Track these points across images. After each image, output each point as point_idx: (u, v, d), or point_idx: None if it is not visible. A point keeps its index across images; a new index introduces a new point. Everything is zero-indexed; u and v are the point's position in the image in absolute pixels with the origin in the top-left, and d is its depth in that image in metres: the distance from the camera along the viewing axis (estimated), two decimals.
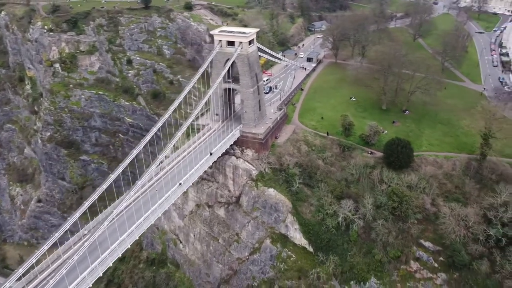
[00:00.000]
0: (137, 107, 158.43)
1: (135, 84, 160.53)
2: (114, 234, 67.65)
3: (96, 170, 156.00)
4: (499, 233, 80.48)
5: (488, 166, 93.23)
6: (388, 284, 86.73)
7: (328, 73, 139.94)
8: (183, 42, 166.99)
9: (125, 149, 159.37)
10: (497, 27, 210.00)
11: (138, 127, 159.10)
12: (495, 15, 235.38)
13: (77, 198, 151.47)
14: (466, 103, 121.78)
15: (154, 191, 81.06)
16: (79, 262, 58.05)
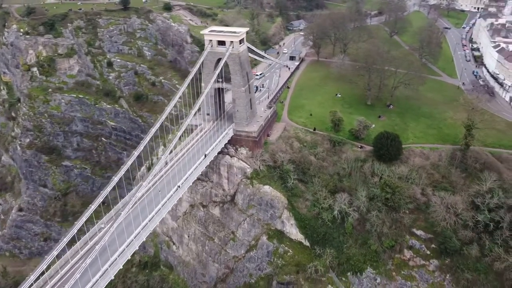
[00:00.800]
0: (119, 110, 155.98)
1: (116, 87, 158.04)
2: (121, 236, 66.36)
3: (79, 175, 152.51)
4: (487, 218, 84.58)
5: (471, 156, 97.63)
6: (384, 273, 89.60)
7: (312, 71, 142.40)
8: (164, 43, 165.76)
9: (108, 153, 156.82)
10: (465, 24, 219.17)
11: (121, 130, 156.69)
12: (462, 12, 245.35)
13: (61, 205, 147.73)
14: (445, 96, 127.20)
15: (153, 195, 79.42)
16: (90, 265, 57.28)
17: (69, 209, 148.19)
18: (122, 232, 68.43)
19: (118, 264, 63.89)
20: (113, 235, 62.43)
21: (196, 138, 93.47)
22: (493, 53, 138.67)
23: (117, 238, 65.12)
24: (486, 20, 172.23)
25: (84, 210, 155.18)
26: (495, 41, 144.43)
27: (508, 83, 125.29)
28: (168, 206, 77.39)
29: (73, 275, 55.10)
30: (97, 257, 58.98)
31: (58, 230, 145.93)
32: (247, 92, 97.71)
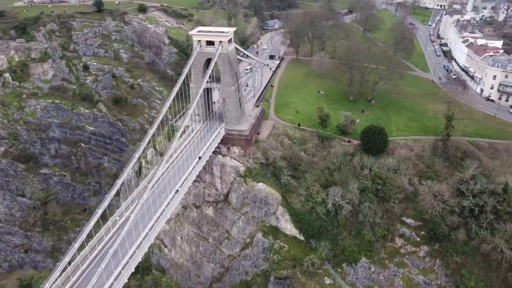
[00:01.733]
0: (98, 114, 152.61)
1: (94, 91, 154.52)
2: (122, 248, 64.12)
3: (58, 183, 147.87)
4: (472, 203, 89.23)
5: (452, 145, 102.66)
6: (378, 262, 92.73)
7: (293, 69, 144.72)
8: (141, 45, 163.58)
9: (88, 158, 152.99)
10: (431, 21, 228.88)
11: (100, 135, 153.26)
12: (427, 9, 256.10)
13: (41, 214, 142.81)
14: (422, 90, 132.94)
15: (151, 200, 76.67)
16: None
17: (50, 218, 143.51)
18: (123, 243, 64.94)
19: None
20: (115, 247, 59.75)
21: (188, 140, 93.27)
22: (463, 48, 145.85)
23: (119, 249, 62.35)
24: (453, 17, 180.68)
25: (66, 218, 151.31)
26: (464, 36, 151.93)
27: (479, 76, 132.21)
28: (167, 213, 74.75)
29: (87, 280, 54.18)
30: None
31: (39, 240, 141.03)
32: (237, 91, 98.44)
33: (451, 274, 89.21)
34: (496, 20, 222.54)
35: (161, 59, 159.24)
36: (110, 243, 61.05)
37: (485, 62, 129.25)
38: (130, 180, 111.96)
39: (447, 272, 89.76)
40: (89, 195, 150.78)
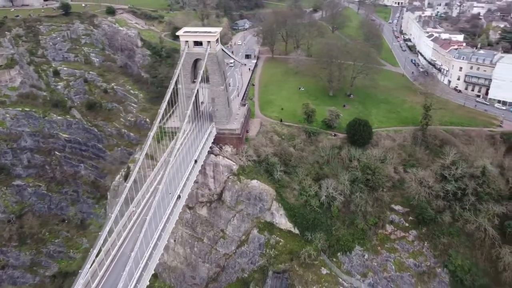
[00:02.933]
0: (72, 120, 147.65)
1: (66, 97, 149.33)
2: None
3: (33, 194, 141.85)
4: (454, 187, 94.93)
5: (430, 134, 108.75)
6: (371, 249, 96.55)
7: (270, 68, 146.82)
8: (112, 48, 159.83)
9: (63, 167, 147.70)
10: (391, 18, 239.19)
11: (76, 141, 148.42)
12: (386, 7, 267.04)
13: (17, 228, 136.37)
14: (395, 83, 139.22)
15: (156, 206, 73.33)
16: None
17: (26, 231, 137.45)
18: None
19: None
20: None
21: (180, 141, 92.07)
22: (428, 42, 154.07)
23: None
24: (414, 13, 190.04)
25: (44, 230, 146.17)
26: (428, 31, 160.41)
27: (446, 68, 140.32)
28: (172, 221, 70.92)
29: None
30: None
31: (17, 255, 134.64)
32: (225, 91, 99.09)
33: (439, 255, 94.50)
34: (450, 16, 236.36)
35: (134, 62, 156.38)
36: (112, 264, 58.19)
37: (451, 55, 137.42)
38: (117, 186, 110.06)
39: (435, 253, 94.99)
40: (66, 204, 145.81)
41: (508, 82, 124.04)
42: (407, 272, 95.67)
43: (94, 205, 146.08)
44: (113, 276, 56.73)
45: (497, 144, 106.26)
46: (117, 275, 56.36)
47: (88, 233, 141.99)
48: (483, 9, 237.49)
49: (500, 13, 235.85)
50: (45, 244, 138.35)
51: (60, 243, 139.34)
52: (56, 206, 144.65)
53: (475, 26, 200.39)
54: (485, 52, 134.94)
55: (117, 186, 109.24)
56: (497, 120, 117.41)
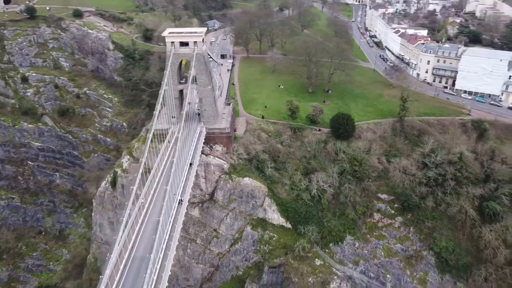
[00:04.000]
0: (44, 128, 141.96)
1: (36, 103, 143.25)
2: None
3: (6, 207, 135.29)
4: (435, 174, 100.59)
5: (408, 125, 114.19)
6: (361, 238, 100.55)
7: (247, 67, 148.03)
8: (82, 52, 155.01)
9: (37, 177, 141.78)
10: (354, 16, 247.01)
11: (49, 150, 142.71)
12: (347, 5, 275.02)
13: None
14: (368, 78, 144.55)
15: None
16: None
17: (2, 246, 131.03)
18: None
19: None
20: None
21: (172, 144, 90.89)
22: (395, 38, 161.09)
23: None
24: (378, 11, 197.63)
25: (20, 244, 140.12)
26: (394, 28, 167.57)
27: (414, 62, 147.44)
28: (178, 229, 68.85)
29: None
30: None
31: None
32: (212, 91, 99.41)
33: (424, 238, 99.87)
34: (409, 13, 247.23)
35: (107, 66, 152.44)
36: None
37: (418, 49, 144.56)
38: (103, 192, 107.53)
39: (420, 237, 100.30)
40: (42, 216, 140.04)
41: (473, 73, 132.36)
42: (395, 257, 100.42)
43: (72, 215, 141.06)
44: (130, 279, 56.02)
45: (469, 132, 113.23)
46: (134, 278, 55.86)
47: (67, 244, 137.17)
48: (438, 6, 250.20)
49: (454, 9, 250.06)
50: (23, 258, 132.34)
51: (39, 256, 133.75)
52: (32, 218, 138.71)
53: (433, 22, 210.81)
54: (450, 46, 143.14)
55: (103, 193, 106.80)
56: (465, 109, 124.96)
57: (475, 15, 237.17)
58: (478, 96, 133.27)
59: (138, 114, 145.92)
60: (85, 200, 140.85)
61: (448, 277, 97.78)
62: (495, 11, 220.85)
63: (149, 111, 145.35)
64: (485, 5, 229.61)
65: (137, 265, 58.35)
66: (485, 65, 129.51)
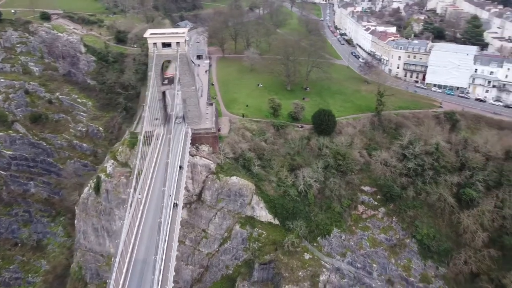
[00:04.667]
0: (15, 136, 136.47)
1: (7, 110, 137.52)
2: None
3: None
4: (414, 164, 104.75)
5: (385, 119, 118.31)
6: (347, 230, 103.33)
7: (224, 67, 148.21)
8: (52, 56, 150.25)
9: (10, 187, 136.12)
10: (323, 15, 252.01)
11: (22, 158, 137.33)
12: (315, 4, 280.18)
13: None
14: (343, 75, 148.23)
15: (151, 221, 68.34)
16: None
17: None
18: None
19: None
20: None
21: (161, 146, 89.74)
22: (366, 35, 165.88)
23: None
24: (347, 9, 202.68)
25: None
26: (364, 25, 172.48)
27: (385, 58, 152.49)
28: (176, 230, 67.00)
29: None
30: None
31: None
32: (196, 91, 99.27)
33: (406, 227, 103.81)
34: (374, 11, 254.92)
35: (79, 69, 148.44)
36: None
37: (389, 45, 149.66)
38: (87, 198, 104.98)
39: (403, 226, 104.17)
40: (18, 227, 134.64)
41: (442, 67, 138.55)
42: (380, 247, 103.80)
43: (50, 224, 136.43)
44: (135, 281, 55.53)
45: (442, 123, 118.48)
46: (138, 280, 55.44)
47: (46, 254, 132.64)
48: (401, 4, 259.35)
49: (416, 7, 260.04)
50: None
51: (16, 269, 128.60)
52: (7, 230, 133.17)
53: (399, 19, 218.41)
54: (419, 42, 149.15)
55: (87, 199, 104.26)
56: (437, 102, 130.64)
57: (436, 12, 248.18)
58: (447, 89, 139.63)
59: (115, 118, 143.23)
60: (63, 208, 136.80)
61: (430, 263, 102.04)
62: (455, 8, 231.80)
63: (126, 114, 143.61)
64: (446, 2, 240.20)
65: (140, 267, 57.87)
66: (453, 59, 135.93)
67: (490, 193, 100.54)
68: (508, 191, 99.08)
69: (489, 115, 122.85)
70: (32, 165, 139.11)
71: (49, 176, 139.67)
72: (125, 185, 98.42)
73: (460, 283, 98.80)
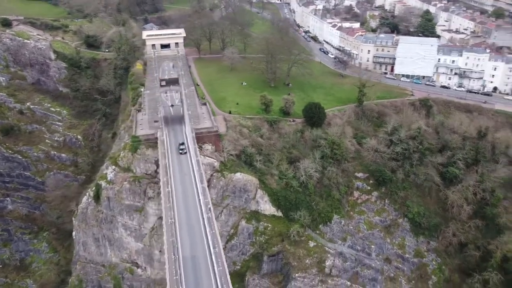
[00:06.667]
0: None
1: None
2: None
3: None
4: (402, 149, 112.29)
5: (367, 109, 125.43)
6: (346, 215, 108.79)
7: (203, 67, 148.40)
8: (18, 64, 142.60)
9: None
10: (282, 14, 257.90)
11: None
12: (270, 3, 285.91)
13: None
14: (318, 70, 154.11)
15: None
16: None
17: None
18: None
19: None
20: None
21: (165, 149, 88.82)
22: (334, 32, 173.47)
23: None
24: (309, 7, 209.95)
25: None
26: (330, 22, 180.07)
27: (355, 52, 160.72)
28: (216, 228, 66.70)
29: None
30: None
31: None
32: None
33: (398, 207, 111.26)
34: (329, 9, 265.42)
35: (49, 77, 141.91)
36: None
37: (358, 40, 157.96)
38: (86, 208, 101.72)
39: (395, 207, 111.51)
40: None
41: (408, 58, 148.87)
42: (376, 229, 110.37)
43: (32, 241, 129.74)
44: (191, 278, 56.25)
45: (418, 109, 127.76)
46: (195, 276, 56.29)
47: (31, 273, 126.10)
48: (353, 1, 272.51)
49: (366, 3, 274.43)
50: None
51: None
52: None
53: (355, 16, 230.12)
54: (386, 35, 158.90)
55: (86, 208, 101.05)
56: (408, 91, 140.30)
57: (385, 8, 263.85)
58: (414, 78, 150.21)
59: (93, 125, 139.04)
60: (46, 223, 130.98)
61: (422, 239, 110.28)
62: (403, 4, 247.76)
63: (106, 120, 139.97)
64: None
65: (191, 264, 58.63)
66: (419, 50, 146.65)
67: (470, 169, 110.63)
68: (486, 166, 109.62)
69: (456, 100, 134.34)
70: (8, 180, 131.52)
71: (27, 191, 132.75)
72: (128, 190, 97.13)
73: (451, 254, 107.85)
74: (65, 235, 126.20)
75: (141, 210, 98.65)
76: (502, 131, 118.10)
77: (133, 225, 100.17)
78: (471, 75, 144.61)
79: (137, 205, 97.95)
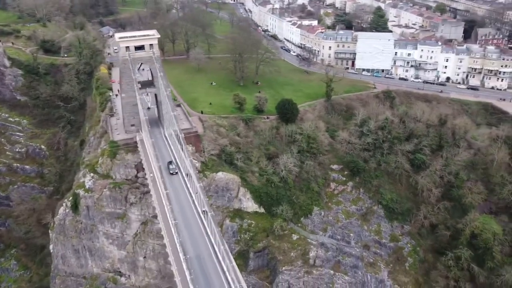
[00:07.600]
0: None
1: None
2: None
3: None
4: (372, 139, 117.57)
5: (336, 103, 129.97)
6: (325, 207, 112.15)
7: (170, 69, 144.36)
8: None
9: None
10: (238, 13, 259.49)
11: None
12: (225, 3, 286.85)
13: None
14: (283, 68, 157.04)
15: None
16: None
17: None
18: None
19: None
20: None
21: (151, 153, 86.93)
22: (294, 30, 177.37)
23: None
24: (266, 7, 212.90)
25: None
26: (290, 20, 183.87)
27: (317, 49, 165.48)
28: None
29: None
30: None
31: None
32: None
33: (373, 196, 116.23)
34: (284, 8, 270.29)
35: (5, 85, 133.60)
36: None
37: (319, 37, 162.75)
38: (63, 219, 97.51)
39: (369, 195, 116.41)
40: None
41: (368, 53, 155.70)
42: (353, 217, 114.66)
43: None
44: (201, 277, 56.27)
45: (382, 101, 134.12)
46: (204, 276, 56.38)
47: None
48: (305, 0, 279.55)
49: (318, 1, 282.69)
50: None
51: None
52: None
53: (310, 14, 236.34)
54: (345, 32, 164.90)
55: (63, 220, 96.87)
56: (370, 84, 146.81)
57: (336, 6, 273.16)
58: (374, 72, 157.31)
59: (57, 134, 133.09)
60: (13, 240, 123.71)
61: (396, 223, 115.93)
62: (352, 1, 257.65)
63: (71, 128, 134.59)
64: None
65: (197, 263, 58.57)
66: (377, 45, 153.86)
67: (436, 155, 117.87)
68: (449, 151, 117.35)
69: (415, 91, 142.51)
70: None
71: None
72: (108, 197, 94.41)
73: (423, 236, 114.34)
74: (36, 250, 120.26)
75: (123, 217, 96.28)
76: (459, 118, 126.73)
77: (115, 233, 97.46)
78: (426, 66, 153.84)
79: (119, 212, 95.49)
